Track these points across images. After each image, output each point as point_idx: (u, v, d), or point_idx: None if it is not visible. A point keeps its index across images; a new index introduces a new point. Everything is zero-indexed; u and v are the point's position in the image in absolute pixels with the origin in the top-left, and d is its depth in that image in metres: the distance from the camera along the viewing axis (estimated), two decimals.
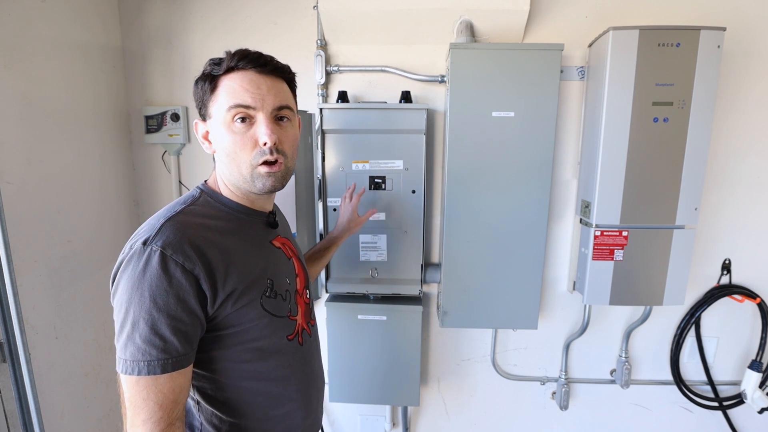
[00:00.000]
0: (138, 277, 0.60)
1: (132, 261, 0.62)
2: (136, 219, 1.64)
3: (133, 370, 0.60)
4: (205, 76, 0.70)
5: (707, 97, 1.23)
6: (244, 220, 0.76)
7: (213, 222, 0.70)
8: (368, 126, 1.33)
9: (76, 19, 1.36)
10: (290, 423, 0.80)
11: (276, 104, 0.69)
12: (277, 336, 0.76)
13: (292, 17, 1.47)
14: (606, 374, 1.68)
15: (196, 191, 0.75)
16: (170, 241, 0.62)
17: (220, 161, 0.73)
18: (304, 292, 0.87)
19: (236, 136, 0.68)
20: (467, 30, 1.34)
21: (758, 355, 1.53)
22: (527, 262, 1.37)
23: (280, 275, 0.78)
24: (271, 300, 0.74)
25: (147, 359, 0.60)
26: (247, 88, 0.67)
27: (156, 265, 0.60)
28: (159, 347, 0.60)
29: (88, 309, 1.41)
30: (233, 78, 0.68)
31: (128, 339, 0.60)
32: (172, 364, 0.61)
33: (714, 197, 1.49)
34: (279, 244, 0.82)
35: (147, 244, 0.61)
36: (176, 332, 0.61)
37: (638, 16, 1.41)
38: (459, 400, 1.73)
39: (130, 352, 0.60)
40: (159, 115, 1.53)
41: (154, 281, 0.60)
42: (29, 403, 1.20)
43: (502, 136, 1.29)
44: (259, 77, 0.69)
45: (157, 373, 0.60)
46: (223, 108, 0.68)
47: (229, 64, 0.68)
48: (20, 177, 1.17)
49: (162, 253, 0.61)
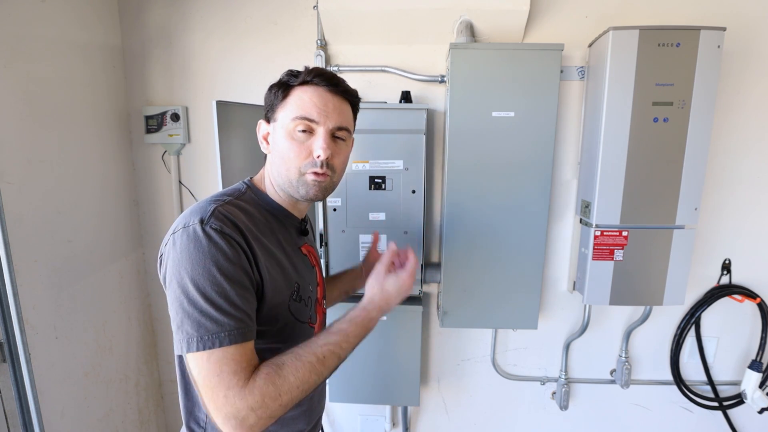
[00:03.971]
0: (203, 252, 0.61)
1: (191, 238, 0.62)
2: (136, 219, 1.64)
3: (213, 343, 0.58)
4: (281, 84, 0.75)
5: (707, 97, 1.23)
6: (281, 221, 0.78)
7: (255, 217, 0.73)
8: (368, 126, 1.33)
9: (76, 19, 1.36)
10: (295, 426, 0.82)
11: (337, 123, 0.74)
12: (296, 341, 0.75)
13: (292, 17, 1.47)
14: (606, 374, 1.68)
15: (242, 186, 0.78)
16: (225, 221, 0.64)
17: (271, 162, 0.77)
18: (322, 302, 0.89)
19: (295, 143, 0.72)
20: (467, 30, 1.34)
21: (758, 355, 1.53)
22: (527, 262, 1.37)
23: (306, 281, 0.81)
24: (297, 304, 0.76)
25: (226, 330, 0.59)
26: (316, 102, 0.72)
27: (218, 239, 0.62)
28: (235, 317, 0.60)
29: (88, 309, 1.41)
30: (305, 90, 0.73)
31: (197, 316, 0.59)
32: (250, 331, 0.62)
33: (714, 197, 1.49)
34: (306, 251, 0.85)
35: (204, 224, 0.63)
36: (247, 302, 0.63)
37: (638, 16, 1.41)
38: (459, 400, 1.73)
39: (207, 327, 0.59)
40: (159, 115, 1.53)
41: (218, 254, 0.61)
42: (29, 403, 1.20)
43: (502, 136, 1.29)
44: (328, 95, 0.74)
45: (238, 341, 0.60)
46: (289, 116, 0.72)
47: (305, 78, 0.73)
48: (20, 177, 1.17)
49: (221, 230, 0.63)
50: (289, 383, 0.61)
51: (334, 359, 0.67)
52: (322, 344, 0.67)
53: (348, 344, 0.69)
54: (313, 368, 0.64)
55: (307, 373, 0.63)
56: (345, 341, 0.69)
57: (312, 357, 0.64)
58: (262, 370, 0.61)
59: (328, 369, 0.67)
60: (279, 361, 0.63)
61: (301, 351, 0.65)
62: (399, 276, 0.80)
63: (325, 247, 1.43)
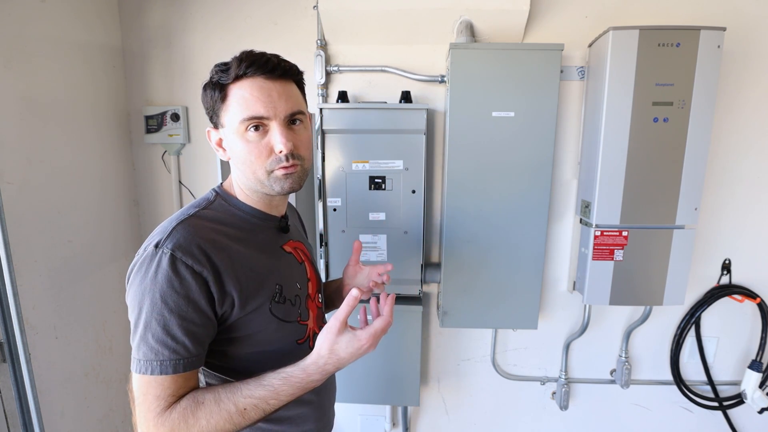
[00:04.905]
0: (150, 279, 0.62)
1: (144, 263, 0.63)
2: (136, 219, 1.64)
3: (146, 369, 0.61)
4: (214, 85, 0.69)
5: (707, 97, 1.24)
6: (256, 224, 0.76)
7: (224, 226, 0.71)
8: (368, 126, 1.33)
9: (76, 19, 1.36)
10: (304, 426, 0.81)
11: (288, 111, 0.69)
12: (286, 341, 0.76)
13: (292, 17, 1.47)
14: (606, 374, 1.68)
15: (211, 194, 0.76)
16: (180, 244, 0.63)
17: (236, 167, 0.73)
18: (316, 297, 0.87)
19: (251, 144, 0.68)
20: (467, 30, 1.34)
21: (758, 355, 1.53)
22: (527, 262, 1.37)
23: (290, 280, 0.79)
24: (280, 305, 0.75)
25: (159, 359, 0.61)
26: (258, 97, 0.66)
27: (166, 267, 0.61)
28: (171, 347, 0.62)
29: (88, 309, 1.41)
30: (243, 87, 0.67)
31: (141, 339, 0.62)
32: (183, 364, 0.62)
33: (714, 197, 1.49)
34: (290, 248, 0.82)
35: (158, 247, 0.63)
36: (187, 333, 0.62)
37: (638, 16, 1.41)
38: (459, 399, 1.73)
39: (143, 352, 0.62)
40: (159, 115, 1.53)
41: (164, 283, 0.61)
42: (29, 403, 1.20)
43: (502, 136, 1.29)
44: (269, 83, 0.68)
45: (167, 373, 0.61)
46: (236, 119, 0.67)
47: (237, 72, 0.67)
48: (20, 177, 1.17)
49: (172, 255, 0.62)
50: (200, 426, 0.62)
51: (257, 413, 0.64)
52: (247, 395, 0.63)
53: (277, 401, 0.65)
54: (230, 418, 0.63)
55: (222, 421, 0.62)
56: (274, 398, 0.64)
57: (232, 406, 0.63)
58: (182, 404, 0.62)
59: (248, 421, 0.64)
60: (200, 398, 0.63)
61: (224, 395, 0.63)
62: (357, 337, 0.66)
63: (325, 247, 1.43)
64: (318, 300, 0.88)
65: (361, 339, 0.66)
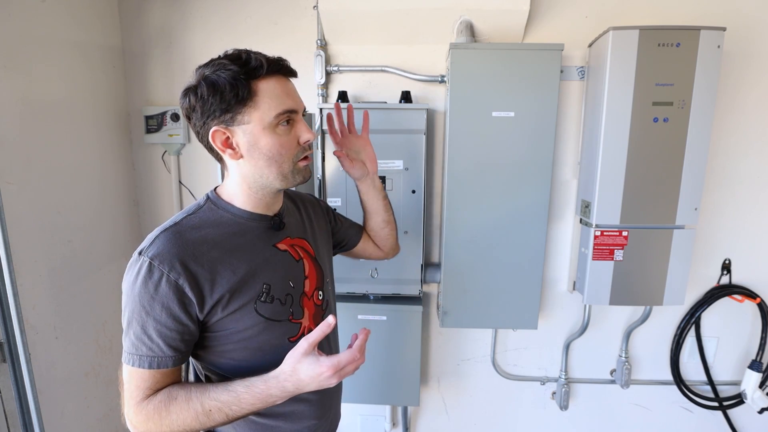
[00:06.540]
0: (131, 284, 0.67)
1: (130, 268, 0.68)
2: (136, 219, 1.64)
3: (128, 361, 0.68)
4: (233, 81, 0.67)
5: (707, 97, 1.24)
6: (244, 225, 0.76)
7: (209, 231, 0.73)
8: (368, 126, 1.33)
9: (76, 20, 1.36)
10: (301, 423, 0.82)
11: (303, 105, 0.76)
12: (276, 338, 0.77)
13: (292, 17, 1.47)
14: (606, 374, 1.68)
15: (203, 199, 0.79)
16: (159, 252, 0.67)
17: (251, 166, 0.73)
18: (314, 294, 0.86)
19: (282, 138, 0.72)
20: (467, 30, 1.34)
21: (758, 355, 1.53)
22: (527, 262, 1.37)
23: (282, 279, 0.78)
24: (267, 305, 0.75)
25: (139, 354, 0.67)
26: (288, 92, 0.72)
27: (144, 274, 0.66)
28: (147, 345, 0.67)
29: (88, 309, 1.41)
30: (269, 83, 0.70)
31: (126, 334, 0.69)
32: (157, 362, 0.68)
33: (714, 197, 1.49)
34: (286, 246, 0.82)
35: (141, 254, 0.67)
36: (161, 335, 0.67)
37: (638, 16, 1.41)
38: (459, 400, 1.73)
39: (127, 346, 0.68)
40: (159, 115, 1.53)
41: (142, 288, 0.66)
42: (29, 403, 1.20)
43: (502, 136, 1.29)
44: (286, 80, 0.73)
45: (144, 367, 0.67)
46: (270, 113, 0.69)
47: (268, 69, 0.69)
48: (20, 177, 1.17)
49: (150, 263, 0.66)
50: (171, 420, 0.67)
51: (221, 416, 0.68)
52: (213, 398, 0.67)
53: (239, 408, 0.67)
54: (197, 417, 0.67)
55: (189, 419, 0.67)
56: (236, 404, 0.67)
57: (199, 406, 0.67)
58: (158, 396, 0.68)
59: (214, 422, 0.68)
60: (174, 394, 0.68)
61: (194, 395, 0.68)
62: (319, 362, 0.66)
63: None
64: (317, 297, 0.87)
65: (322, 366, 0.66)
